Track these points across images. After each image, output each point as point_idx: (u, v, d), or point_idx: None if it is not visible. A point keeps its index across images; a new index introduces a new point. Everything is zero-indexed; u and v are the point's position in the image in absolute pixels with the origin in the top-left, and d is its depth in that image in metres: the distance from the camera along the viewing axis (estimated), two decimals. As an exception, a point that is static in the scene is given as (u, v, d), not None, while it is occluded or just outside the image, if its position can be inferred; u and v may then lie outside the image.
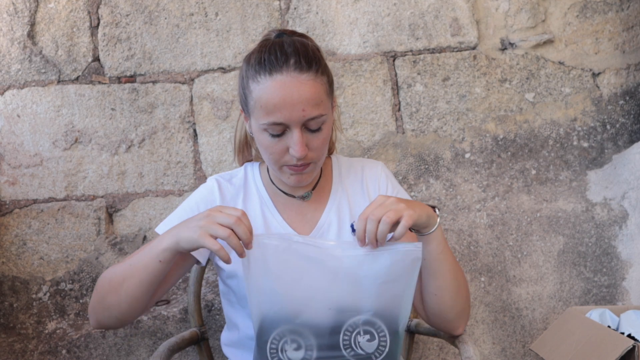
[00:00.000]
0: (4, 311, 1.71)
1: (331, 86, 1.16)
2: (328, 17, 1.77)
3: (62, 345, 1.71)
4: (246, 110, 1.16)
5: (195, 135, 1.75)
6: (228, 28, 1.76)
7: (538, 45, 1.79)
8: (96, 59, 1.74)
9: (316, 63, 1.10)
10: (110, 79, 1.74)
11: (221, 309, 1.73)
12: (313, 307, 1.01)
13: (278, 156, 1.13)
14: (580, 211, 1.79)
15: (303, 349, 1.01)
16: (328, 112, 1.13)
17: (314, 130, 1.11)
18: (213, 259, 1.28)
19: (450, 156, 1.78)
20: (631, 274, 1.78)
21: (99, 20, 1.74)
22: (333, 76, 1.18)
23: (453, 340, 1.25)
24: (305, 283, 1.01)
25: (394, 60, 1.78)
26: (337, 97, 1.71)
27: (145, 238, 1.73)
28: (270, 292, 1.01)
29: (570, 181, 1.79)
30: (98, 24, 1.74)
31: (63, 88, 1.73)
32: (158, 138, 1.74)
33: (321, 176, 1.29)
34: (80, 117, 1.73)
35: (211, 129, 1.75)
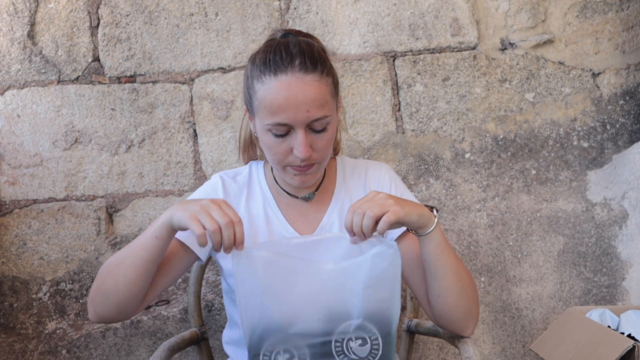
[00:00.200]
0: (4, 311, 1.71)
1: (336, 87, 1.16)
2: (328, 17, 1.77)
3: (62, 345, 1.71)
4: (250, 110, 1.16)
5: (195, 135, 1.76)
6: (228, 28, 1.76)
7: (538, 45, 1.79)
8: (96, 59, 1.74)
9: (321, 64, 1.10)
10: (110, 79, 1.74)
11: (221, 309, 1.73)
12: (302, 318, 1.00)
13: (282, 156, 1.13)
14: (580, 211, 1.79)
15: (296, 359, 1.00)
16: (333, 113, 1.13)
17: (319, 131, 1.11)
18: (215, 257, 1.28)
19: (450, 156, 1.78)
20: (631, 274, 1.78)
21: (99, 20, 1.74)
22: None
23: (453, 340, 1.25)
24: (293, 295, 1.00)
25: (394, 60, 1.78)
26: (337, 97, 1.71)
27: (145, 238, 1.73)
28: (259, 306, 1.00)
29: (570, 181, 1.79)
30: (98, 24, 1.74)
31: (63, 88, 1.73)
32: (158, 138, 1.74)
33: (325, 177, 1.28)
34: (80, 117, 1.73)
35: (211, 129, 1.75)
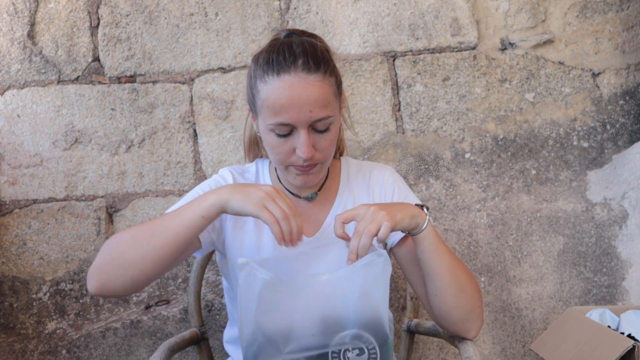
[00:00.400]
0: (4, 311, 1.71)
1: (340, 87, 1.15)
2: (328, 17, 1.77)
3: (62, 345, 1.72)
4: (254, 109, 1.16)
5: (195, 135, 1.76)
6: (228, 28, 1.76)
7: (538, 45, 1.79)
8: (96, 59, 1.74)
9: (324, 64, 1.10)
10: (110, 79, 1.74)
11: (221, 309, 1.73)
12: (298, 334, 0.99)
13: (284, 156, 1.13)
14: (580, 211, 1.79)
15: None
16: (336, 113, 1.12)
17: (321, 131, 1.11)
18: (216, 254, 1.28)
19: (450, 156, 1.78)
20: (631, 274, 1.78)
21: (99, 20, 1.74)
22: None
23: (453, 340, 1.24)
24: (289, 312, 1.00)
25: (394, 60, 1.78)
26: (337, 97, 1.71)
27: (145, 238, 1.73)
28: (254, 324, 0.99)
29: (570, 181, 1.79)
30: (98, 24, 1.74)
31: (63, 88, 1.73)
32: (158, 138, 1.74)
33: (328, 177, 1.28)
34: (80, 117, 1.73)
35: (211, 129, 1.75)
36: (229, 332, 1.34)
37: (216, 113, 1.75)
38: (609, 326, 1.55)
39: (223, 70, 1.76)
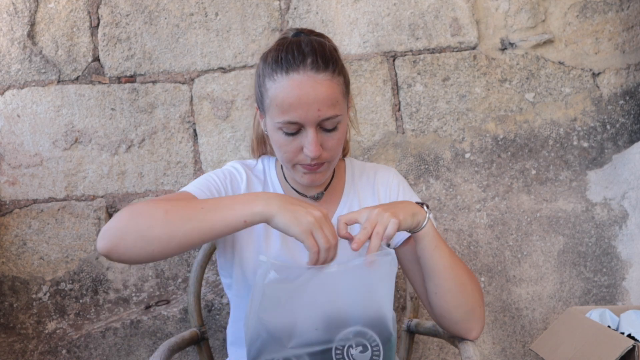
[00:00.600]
0: (4, 311, 1.71)
1: (347, 87, 1.16)
2: (328, 17, 1.77)
3: (62, 345, 1.71)
4: (261, 108, 1.16)
5: (195, 135, 1.76)
6: (228, 28, 1.76)
7: (538, 45, 1.79)
8: (96, 59, 1.74)
9: (333, 63, 1.10)
10: (110, 79, 1.74)
11: (221, 309, 1.73)
12: (301, 331, 1.00)
13: (292, 155, 1.13)
14: (580, 211, 1.79)
15: None
16: (343, 113, 1.13)
17: (329, 130, 1.11)
18: (216, 252, 1.28)
19: (450, 156, 1.78)
20: (631, 274, 1.78)
21: (99, 20, 1.74)
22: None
23: (453, 340, 1.24)
24: (293, 309, 1.00)
25: (394, 60, 1.78)
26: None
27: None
28: (257, 321, 0.99)
29: (570, 181, 1.79)
30: (98, 24, 1.74)
31: (63, 88, 1.73)
32: (158, 138, 1.74)
33: (333, 177, 1.28)
34: (80, 117, 1.73)
35: (211, 129, 1.75)
36: (233, 330, 1.32)
37: (216, 113, 1.75)
38: (609, 326, 1.55)
39: (223, 70, 1.76)
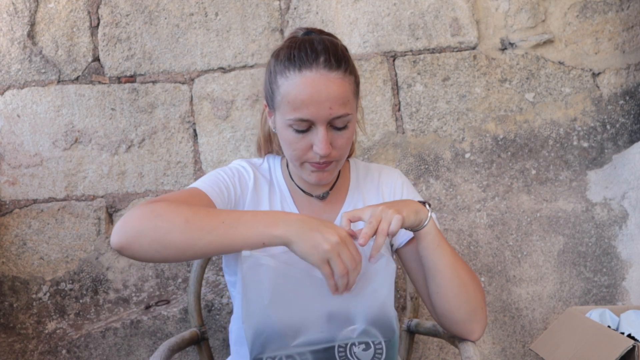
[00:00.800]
0: (4, 311, 1.71)
1: (358, 86, 1.16)
2: (328, 17, 1.77)
3: (62, 345, 1.72)
4: (271, 105, 1.16)
5: (195, 135, 1.76)
6: (228, 28, 1.76)
7: (538, 45, 1.79)
8: (96, 59, 1.74)
9: (345, 62, 1.11)
10: (110, 79, 1.74)
11: (221, 309, 1.73)
12: (306, 328, 1.00)
13: (301, 152, 1.13)
14: (580, 211, 1.79)
15: None
16: (354, 112, 1.13)
17: (339, 128, 1.12)
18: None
19: (450, 156, 1.78)
20: (631, 274, 1.78)
21: (99, 20, 1.74)
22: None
23: (453, 340, 1.24)
24: (298, 304, 1.00)
25: (394, 60, 1.78)
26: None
27: (145, 238, 1.73)
28: (263, 317, 0.99)
29: (570, 181, 1.79)
30: (98, 24, 1.74)
31: (63, 88, 1.73)
32: (158, 138, 1.74)
33: (338, 177, 1.29)
34: (80, 117, 1.73)
35: (211, 129, 1.75)
36: (236, 329, 1.31)
37: (216, 113, 1.75)
38: (609, 326, 1.55)
39: (223, 70, 1.76)
